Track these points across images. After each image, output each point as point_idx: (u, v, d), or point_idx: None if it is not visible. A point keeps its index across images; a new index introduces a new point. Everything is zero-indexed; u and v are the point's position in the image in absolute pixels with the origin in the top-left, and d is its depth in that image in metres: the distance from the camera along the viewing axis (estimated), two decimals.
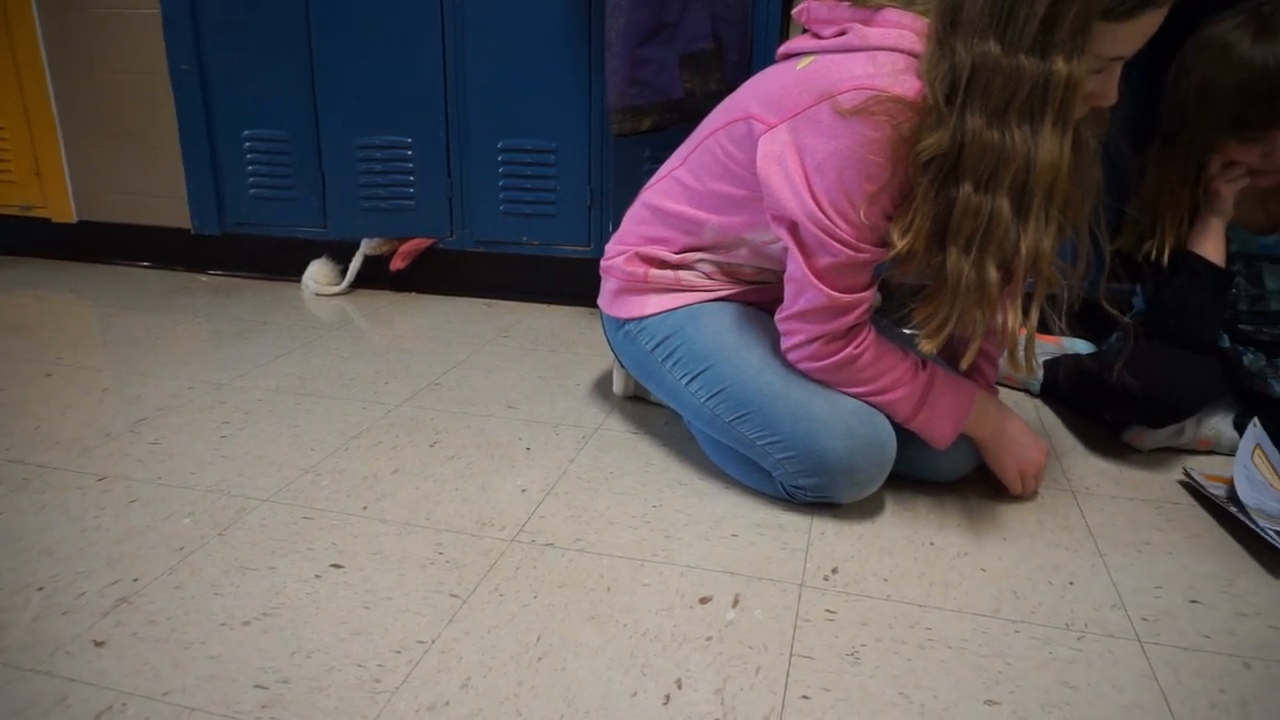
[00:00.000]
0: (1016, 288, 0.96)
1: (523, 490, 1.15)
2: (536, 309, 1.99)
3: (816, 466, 1.05)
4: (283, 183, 2.04)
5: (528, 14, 1.79)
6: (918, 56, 0.93)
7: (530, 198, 1.92)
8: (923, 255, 0.96)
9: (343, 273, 2.09)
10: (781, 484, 1.10)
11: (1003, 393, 1.25)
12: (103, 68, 2.09)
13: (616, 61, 1.61)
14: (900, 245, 0.95)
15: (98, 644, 0.83)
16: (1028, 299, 0.98)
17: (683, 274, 1.18)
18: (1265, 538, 1.01)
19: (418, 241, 2.03)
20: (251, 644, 0.84)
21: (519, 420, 1.38)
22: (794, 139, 0.97)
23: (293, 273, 2.12)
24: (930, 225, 0.94)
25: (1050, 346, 1.54)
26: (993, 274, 0.93)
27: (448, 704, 0.77)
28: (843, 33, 0.99)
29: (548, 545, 1.02)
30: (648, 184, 1.23)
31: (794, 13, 1.10)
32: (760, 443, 1.09)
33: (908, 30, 0.95)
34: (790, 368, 1.09)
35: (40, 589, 0.92)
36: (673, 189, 1.17)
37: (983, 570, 0.99)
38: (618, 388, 1.45)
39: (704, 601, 0.92)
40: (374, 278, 2.09)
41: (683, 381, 1.15)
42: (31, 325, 1.81)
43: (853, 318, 1.02)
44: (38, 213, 2.27)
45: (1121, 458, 1.29)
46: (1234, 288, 1.28)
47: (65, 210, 2.25)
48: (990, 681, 0.81)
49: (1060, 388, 1.46)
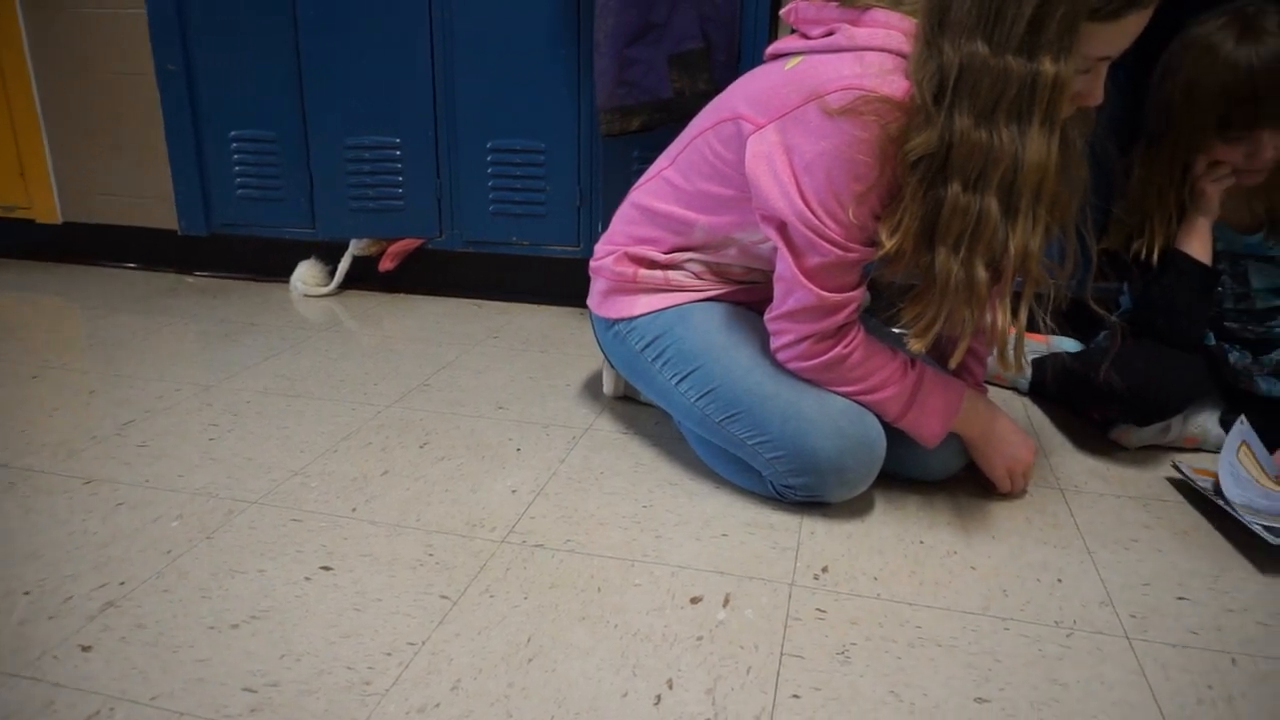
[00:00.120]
0: (1005, 287, 0.96)
1: (513, 491, 1.15)
2: (526, 309, 1.99)
3: (806, 466, 1.06)
4: (270, 183, 2.03)
5: (517, 14, 1.79)
6: (905, 57, 0.94)
7: (519, 198, 1.92)
8: (911, 255, 0.96)
9: (331, 273, 2.08)
10: (771, 483, 1.10)
11: (991, 391, 1.25)
12: (88, 68, 2.07)
13: (605, 62, 1.61)
14: (889, 245, 0.96)
15: (85, 648, 0.83)
16: (1016, 298, 0.98)
17: (672, 274, 1.18)
18: (1253, 529, 1.02)
19: (407, 242, 2.02)
20: (240, 647, 0.83)
21: (509, 421, 1.37)
22: (782, 139, 0.98)
23: (281, 274, 2.11)
24: (919, 225, 0.94)
25: (1038, 345, 1.54)
26: (981, 273, 0.93)
27: (438, 706, 0.76)
28: (830, 33, 0.99)
29: (538, 546, 1.02)
30: (637, 184, 1.23)
31: (782, 13, 1.11)
32: (750, 442, 1.09)
33: (895, 30, 0.95)
34: (780, 367, 1.09)
35: (26, 593, 0.91)
36: (662, 189, 1.17)
37: (972, 568, 1.00)
38: (607, 388, 1.45)
39: (694, 601, 0.92)
40: (363, 278, 2.08)
41: (672, 381, 1.15)
42: (17, 327, 1.79)
43: (842, 317, 1.02)
44: (22, 214, 2.25)
45: (1109, 455, 1.30)
46: (1220, 286, 1.29)
47: (50, 211, 2.23)
48: (980, 679, 0.81)
49: (1048, 386, 1.47)
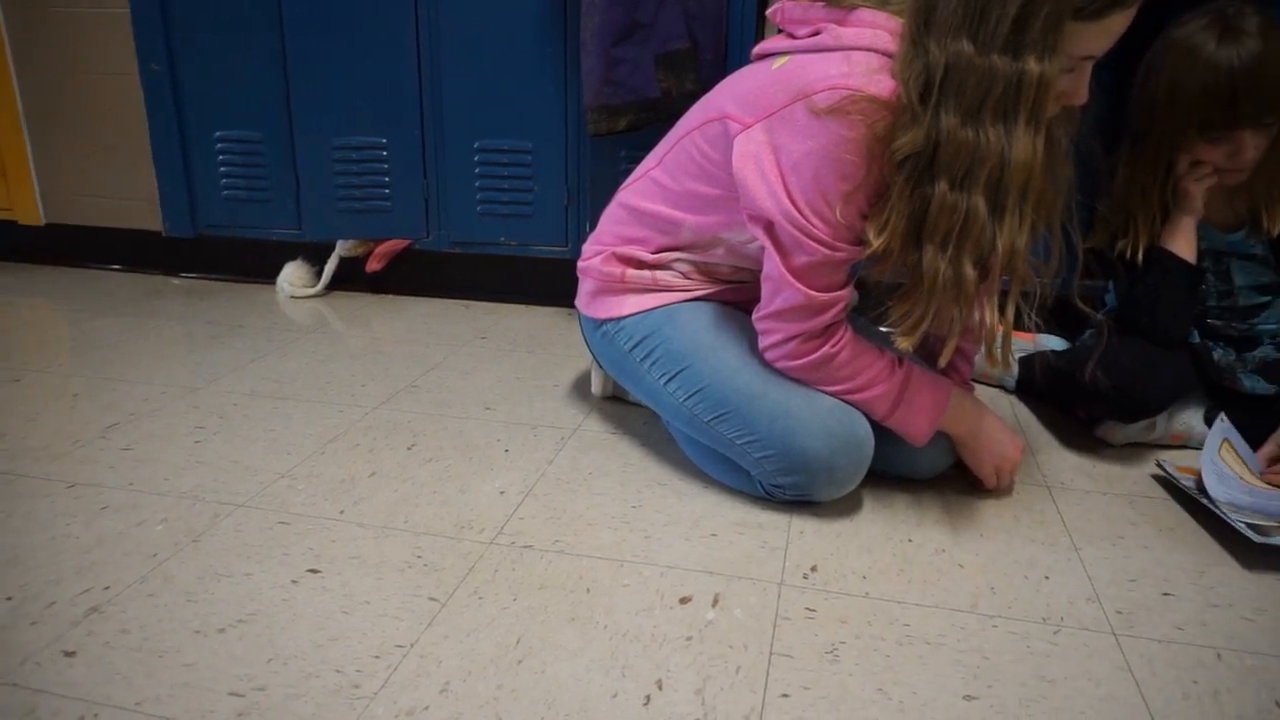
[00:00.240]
0: (992, 285, 0.97)
1: (501, 492, 1.15)
2: (514, 310, 1.98)
3: (795, 465, 1.06)
4: (256, 184, 2.02)
5: (503, 13, 1.78)
6: (892, 56, 0.94)
7: (507, 198, 1.92)
8: (899, 254, 0.96)
9: (318, 274, 2.07)
10: (760, 483, 1.10)
11: (978, 389, 1.26)
12: (71, 68, 2.06)
13: (592, 61, 1.61)
14: (876, 244, 0.96)
15: (68, 654, 0.82)
16: (1003, 296, 0.99)
17: (660, 274, 1.18)
18: (1236, 527, 1.03)
19: (394, 243, 2.02)
20: (226, 651, 0.83)
21: (497, 422, 1.37)
22: (769, 139, 0.98)
23: (267, 275, 2.10)
24: (906, 224, 0.94)
25: (1025, 343, 1.55)
26: (969, 271, 0.93)
27: (427, 709, 0.76)
28: (817, 33, 0.99)
29: (527, 547, 1.02)
30: (624, 184, 1.23)
31: (768, 13, 1.11)
32: (739, 442, 1.09)
33: (882, 30, 0.95)
34: (768, 367, 1.09)
35: (9, 599, 0.90)
36: (649, 189, 1.16)
37: (960, 566, 1.00)
38: (596, 388, 1.44)
39: (684, 601, 0.92)
40: (350, 279, 2.07)
41: (661, 381, 1.15)
42: None
43: (829, 316, 1.02)
44: (4, 215, 2.22)
45: (1095, 453, 1.30)
46: (1204, 284, 1.30)
47: (33, 213, 2.21)
48: (968, 677, 0.82)
49: (1035, 384, 1.48)
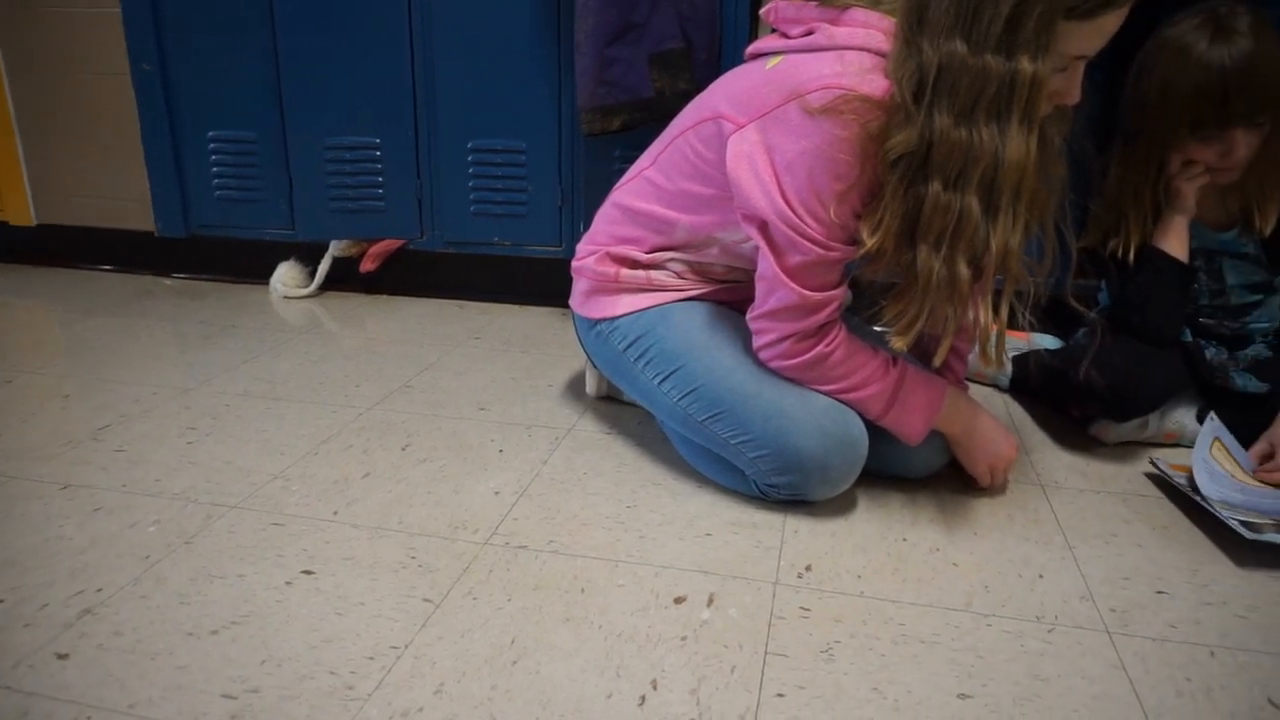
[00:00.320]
0: (986, 284, 0.97)
1: (495, 492, 1.15)
2: (508, 310, 1.98)
3: (789, 465, 1.06)
4: (249, 184, 2.01)
5: (497, 13, 1.78)
6: (885, 56, 0.94)
7: (501, 198, 1.91)
8: (893, 253, 0.97)
9: (311, 275, 2.06)
10: (755, 482, 1.11)
11: (972, 388, 1.26)
12: (62, 68, 2.05)
13: (585, 61, 1.61)
14: (870, 243, 0.96)
15: (61, 656, 0.81)
16: (997, 295, 0.99)
17: (654, 274, 1.18)
18: (1229, 524, 1.03)
19: (387, 243, 2.01)
20: (220, 653, 0.82)
21: (491, 422, 1.37)
22: (763, 138, 0.98)
23: (260, 275, 2.09)
24: (900, 223, 0.94)
25: (1018, 342, 1.56)
26: (963, 271, 0.93)
27: (421, 710, 0.76)
28: (810, 32, 0.99)
29: (521, 547, 1.02)
30: (618, 184, 1.23)
31: (762, 12, 1.11)
32: (733, 442, 1.09)
33: (875, 29, 0.95)
34: (762, 366, 1.09)
35: (1, 601, 0.89)
36: (643, 189, 1.16)
37: (954, 565, 1.00)
38: (590, 388, 1.44)
39: (679, 601, 0.92)
40: (343, 280, 2.06)
41: (655, 381, 1.15)
42: None
43: (823, 316, 1.03)
44: None
45: (1088, 451, 1.31)
46: (1196, 283, 1.31)
47: (24, 214, 2.20)
48: (963, 675, 0.82)
49: (1031, 382, 1.48)
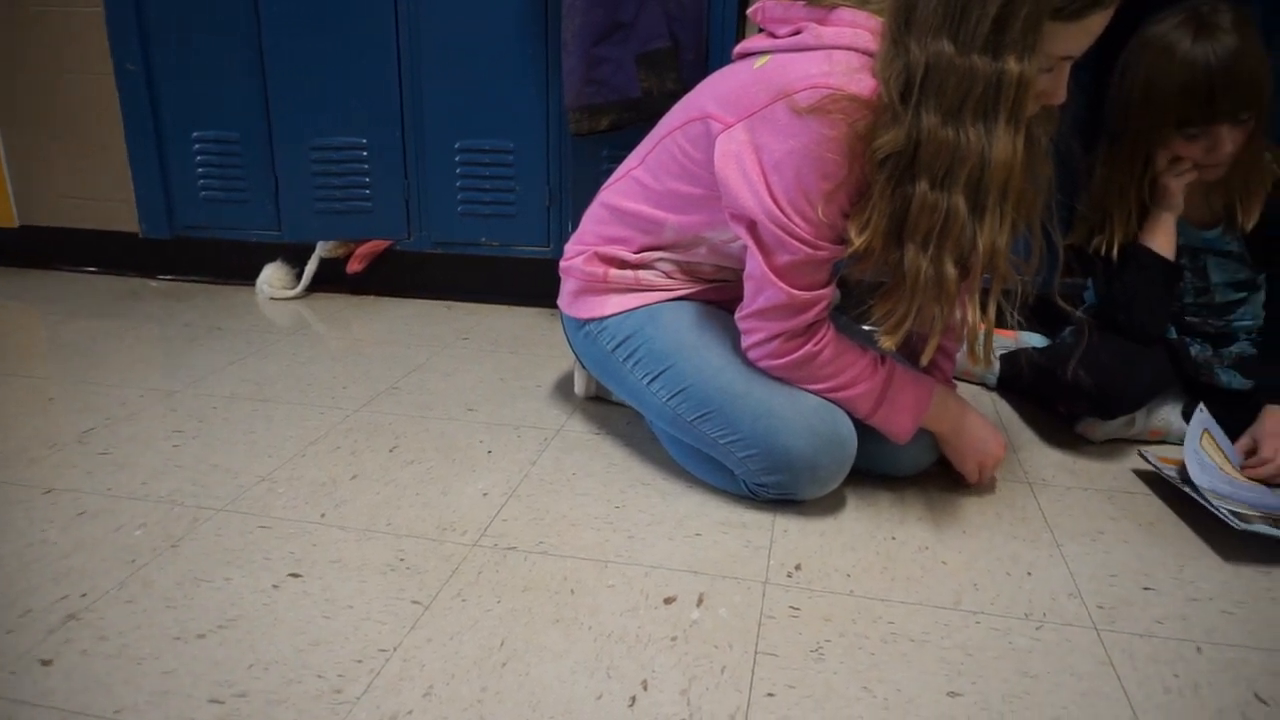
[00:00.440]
0: (973, 283, 0.97)
1: (484, 494, 1.14)
2: (496, 310, 1.98)
3: (778, 464, 1.06)
4: (235, 185, 2.00)
5: (484, 13, 1.77)
6: (872, 55, 0.94)
7: (488, 198, 1.91)
8: (880, 252, 0.97)
9: (298, 276, 2.05)
10: (744, 482, 1.11)
11: (960, 387, 1.27)
12: (44, 67, 2.02)
13: (573, 61, 1.61)
14: (858, 242, 0.96)
15: (44, 662, 0.81)
16: (984, 294, 0.99)
17: (642, 274, 1.17)
18: (1219, 514, 1.03)
19: (375, 243, 2.00)
20: (206, 657, 0.82)
21: (480, 423, 1.36)
22: (751, 138, 0.98)
23: (246, 276, 2.08)
24: (887, 222, 0.95)
25: (1006, 341, 1.56)
26: (950, 270, 0.94)
27: (410, 713, 0.75)
28: (798, 32, 0.99)
29: (510, 549, 1.01)
30: (606, 184, 1.23)
31: (749, 12, 1.11)
32: (722, 441, 1.09)
33: (862, 29, 0.96)
34: (751, 366, 1.09)
35: None
36: (631, 188, 1.16)
37: (943, 563, 1.00)
38: (579, 388, 1.44)
39: (668, 602, 0.92)
40: (330, 280, 2.05)
41: (644, 381, 1.15)
42: None
43: (812, 315, 1.03)
44: None
45: (1075, 449, 1.31)
46: (1182, 281, 1.31)
47: (6, 215, 2.17)
48: (952, 673, 0.82)
49: (1018, 381, 1.49)
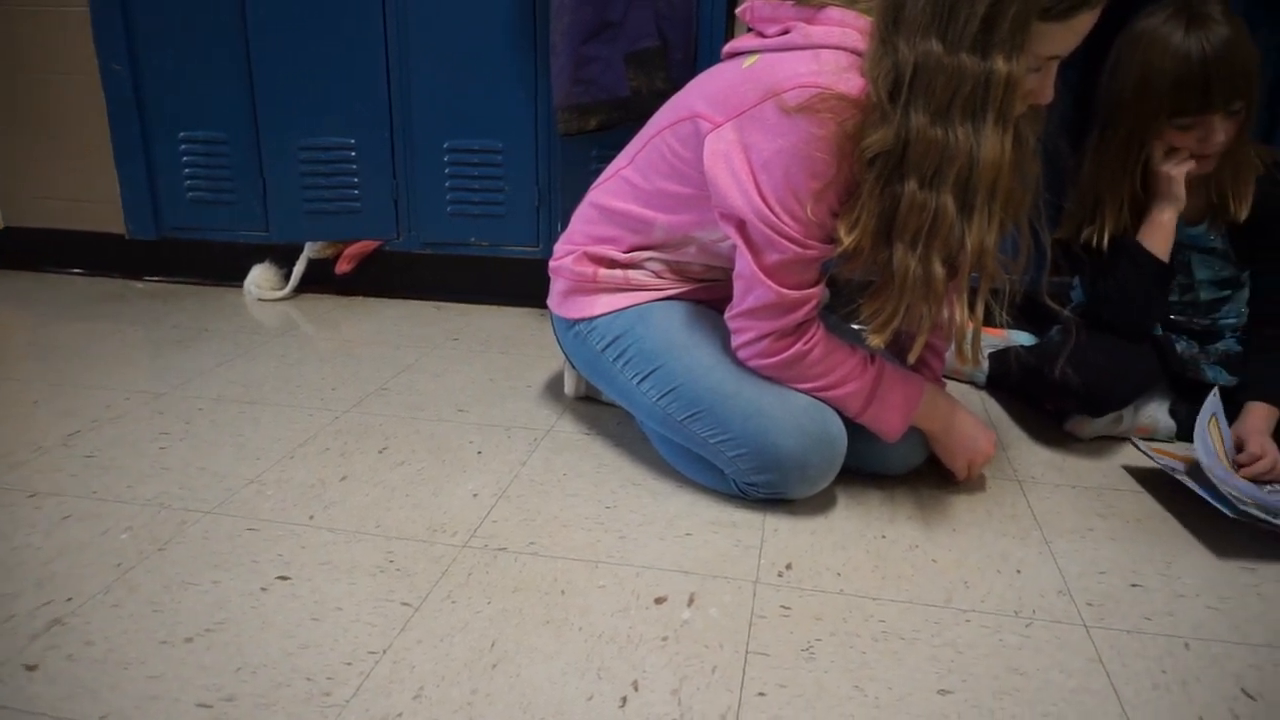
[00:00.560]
0: (962, 282, 0.97)
1: (474, 495, 1.14)
2: (486, 311, 1.97)
3: (769, 463, 1.06)
4: (222, 185, 1.98)
5: (472, 12, 1.77)
6: (861, 54, 0.94)
7: (478, 198, 1.90)
8: (869, 251, 0.97)
9: (286, 277, 2.04)
10: (734, 481, 1.10)
11: (950, 385, 1.27)
12: (28, 67, 2.01)
13: (561, 60, 1.61)
14: (847, 242, 0.96)
15: (29, 668, 0.80)
16: (972, 293, 1.00)
17: (632, 273, 1.17)
18: (1212, 503, 1.04)
19: (363, 244, 1.99)
20: (194, 661, 0.81)
21: (469, 424, 1.36)
22: (740, 137, 0.98)
23: (234, 278, 2.07)
24: (876, 222, 0.95)
25: (995, 339, 1.57)
26: (939, 269, 0.94)
27: (400, 715, 0.75)
28: (786, 31, 1.00)
29: (500, 550, 1.01)
30: (595, 183, 1.23)
31: (738, 11, 1.11)
32: (712, 441, 1.09)
33: (851, 29, 0.96)
34: (741, 365, 1.09)
35: None
36: (620, 188, 1.16)
37: (934, 561, 1.01)
38: (569, 389, 1.44)
39: (659, 602, 0.92)
40: (319, 281, 2.04)
41: (634, 381, 1.15)
42: None
43: (801, 314, 1.03)
44: None
45: (1064, 447, 1.32)
46: (1174, 280, 1.32)
47: None
48: (943, 671, 0.82)
49: (1007, 379, 1.49)
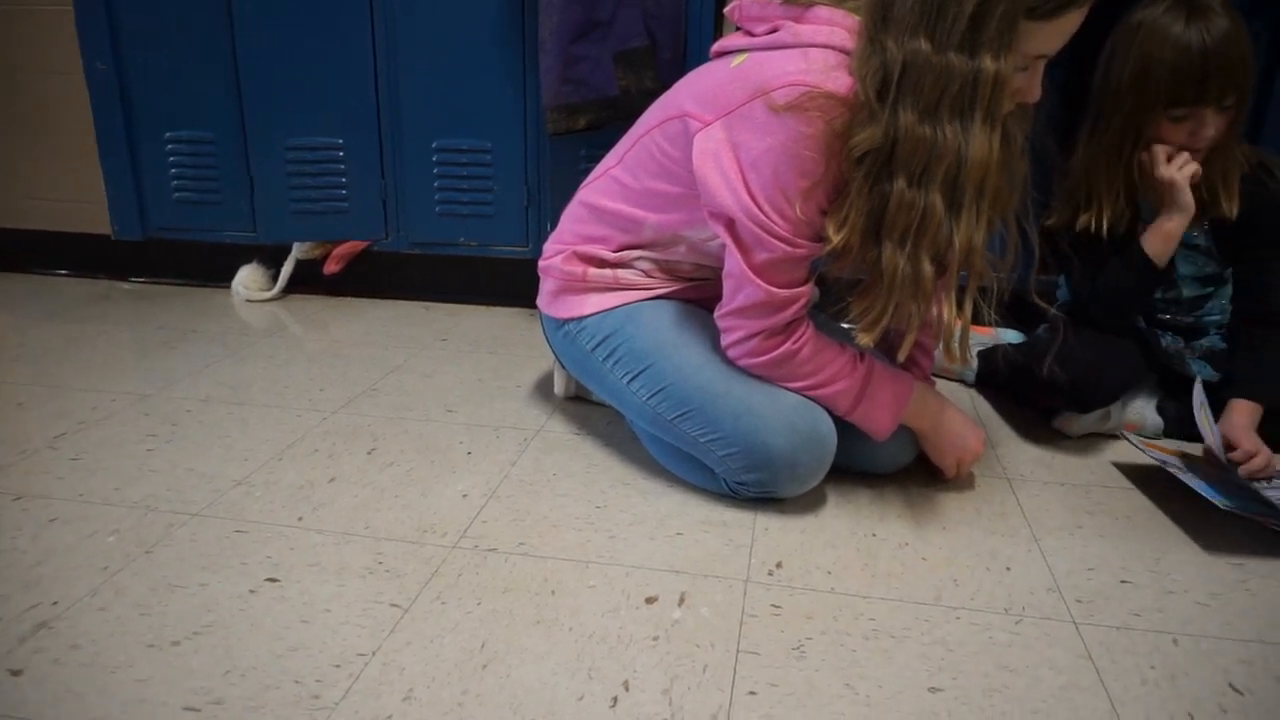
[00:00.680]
0: (950, 280, 0.98)
1: (464, 495, 1.13)
2: (475, 311, 1.97)
3: (759, 462, 1.06)
4: (209, 185, 1.97)
5: (460, 11, 1.76)
6: (849, 53, 0.94)
7: (466, 198, 1.90)
8: (858, 250, 0.97)
9: (274, 278, 2.03)
10: (725, 480, 1.10)
11: (939, 383, 1.27)
12: (11, 66, 1.99)
13: (550, 60, 1.60)
14: (836, 240, 0.96)
15: (14, 673, 0.79)
16: (961, 291, 1.00)
17: (621, 273, 1.17)
18: (1203, 493, 1.05)
19: (352, 244, 1.99)
20: (182, 665, 0.81)
21: (459, 424, 1.35)
22: (729, 136, 0.98)
23: (222, 278, 2.06)
24: (865, 220, 0.95)
25: (983, 337, 1.57)
26: (927, 267, 0.94)
27: (390, 717, 0.75)
28: (775, 30, 1.00)
29: (490, 550, 1.01)
30: (585, 182, 1.22)
31: (726, 10, 1.11)
32: (703, 440, 1.09)
33: (839, 27, 0.96)
34: (731, 364, 1.09)
35: None
36: (610, 187, 1.16)
37: (924, 559, 1.01)
38: (559, 388, 1.44)
39: (650, 601, 0.92)
40: (307, 282, 2.03)
41: (624, 381, 1.15)
42: None
43: (791, 313, 1.03)
44: None
45: (1053, 444, 1.32)
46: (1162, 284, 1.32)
47: None
48: (933, 669, 0.82)
49: (996, 377, 1.50)
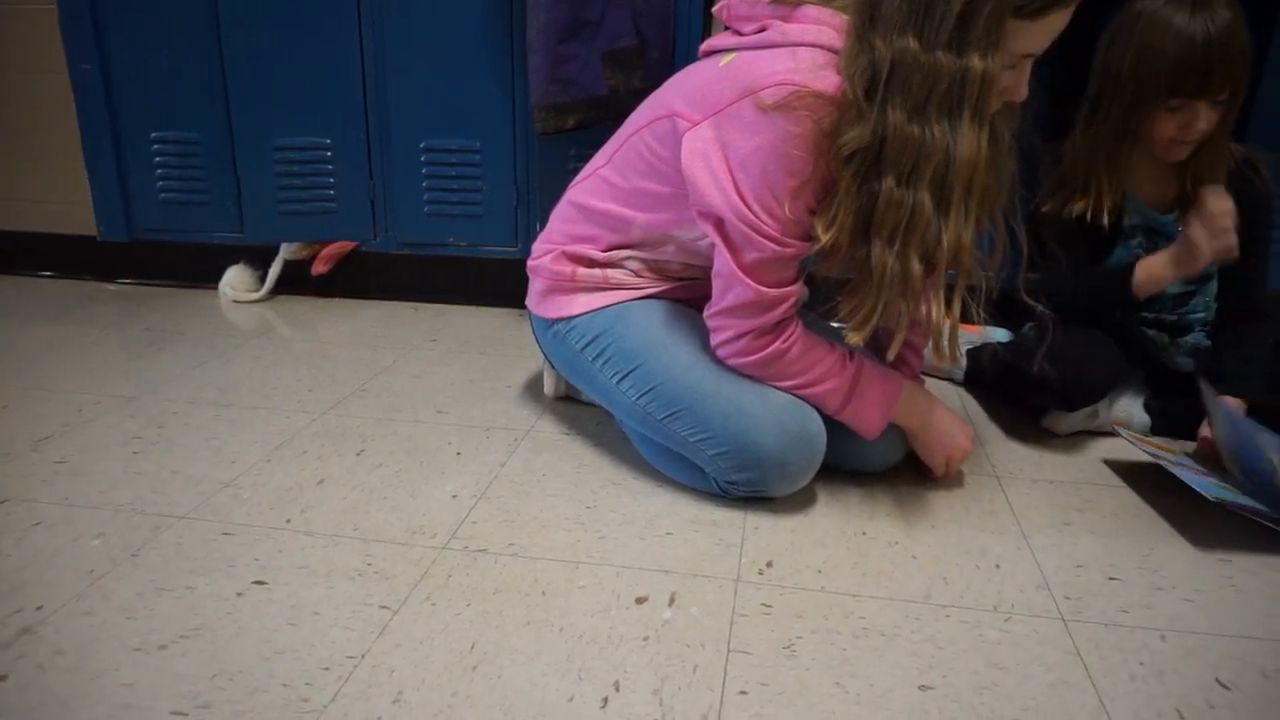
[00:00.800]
0: (939, 279, 0.98)
1: (453, 496, 1.13)
2: (464, 311, 1.96)
3: (749, 462, 1.06)
4: (195, 186, 1.96)
5: (448, 10, 1.76)
6: (837, 52, 0.94)
7: (455, 198, 1.89)
8: (847, 249, 0.97)
9: (262, 278, 2.02)
10: (715, 480, 1.10)
11: (928, 382, 1.27)
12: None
13: (538, 59, 1.60)
14: (825, 239, 0.96)
15: None
16: (949, 290, 1.00)
17: (610, 272, 1.17)
18: (1196, 488, 1.06)
19: (340, 245, 1.98)
20: (168, 669, 0.80)
21: (448, 425, 1.35)
22: (717, 135, 0.98)
23: (209, 279, 2.04)
24: (854, 219, 0.95)
25: (972, 335, 1.58)
26: (916, 266, 0.94)
27: None
28: (763, 29, 1.00)
29: (480, 551, 1.00)
30: (574, 182, 1.22)
31: (715, 10, 1.11)
32: (692, 440, 1.09)
33: (827, 26, 0.96)
34: (720, 364, 1.09)
35: None
36: (599, 187, 1.16)
37: (913, 558, 1.01)
38: (548, 389, 1.43)
39: (640, 601, 0.92)
40: (295, 283, 2.02)
41: (613, 380, 1.14)
42: None
43: (780, 312, 1.03)
44: None
45: (1042, 443, 1.33)
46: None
47: None
48: (923, 667, 0.82)
49: (985, 375, 1.50)
